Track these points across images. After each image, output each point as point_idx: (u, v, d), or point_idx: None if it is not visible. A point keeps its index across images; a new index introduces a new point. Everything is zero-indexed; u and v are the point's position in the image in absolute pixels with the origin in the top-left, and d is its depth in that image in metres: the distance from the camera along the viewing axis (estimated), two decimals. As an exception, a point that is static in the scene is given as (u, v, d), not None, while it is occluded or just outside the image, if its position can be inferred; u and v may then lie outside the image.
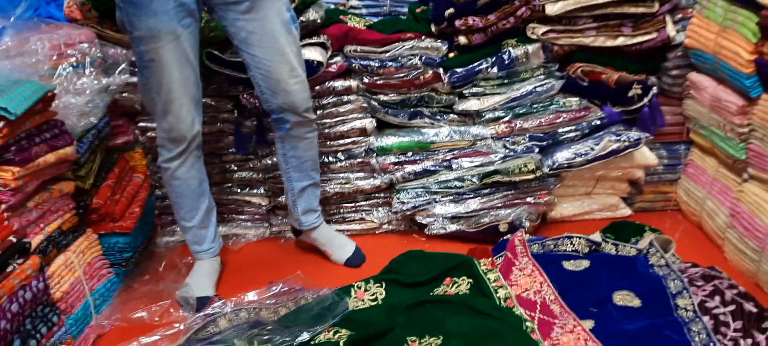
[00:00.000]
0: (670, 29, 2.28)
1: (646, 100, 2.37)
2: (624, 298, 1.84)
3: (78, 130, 1.95)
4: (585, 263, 2.01)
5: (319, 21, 2.26)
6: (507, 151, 2.38)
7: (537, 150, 2.38)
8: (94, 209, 2.01)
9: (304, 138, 2.09)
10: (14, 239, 1.61)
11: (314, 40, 2.26)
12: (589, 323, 1.75)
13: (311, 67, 2.18)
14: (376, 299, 1.99)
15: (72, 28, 2.08)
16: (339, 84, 2.35)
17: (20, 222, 1.66)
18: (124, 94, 2.21)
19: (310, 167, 2.17)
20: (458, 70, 2.35)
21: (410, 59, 2.33)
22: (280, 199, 2.46)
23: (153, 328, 1.89)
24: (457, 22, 2.29)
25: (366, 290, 2.03)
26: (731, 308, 1.73)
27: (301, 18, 2.21)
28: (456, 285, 2.00)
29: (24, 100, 1.59)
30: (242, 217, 2.53)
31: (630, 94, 2.36)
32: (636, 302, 1.82)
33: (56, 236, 1.80)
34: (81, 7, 2.14)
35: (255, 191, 2.49)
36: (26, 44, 1.96)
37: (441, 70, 2.37)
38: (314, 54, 2.20)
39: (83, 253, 1.92)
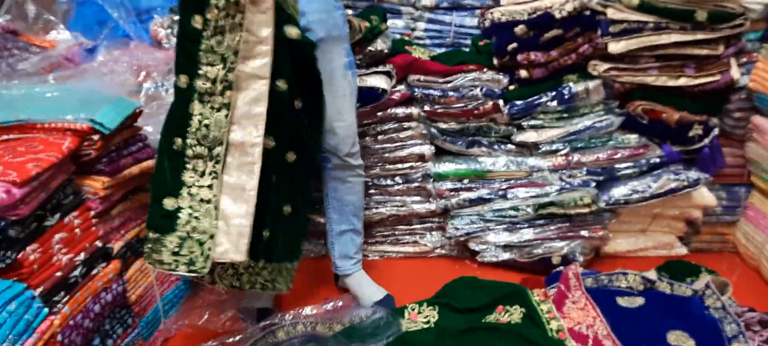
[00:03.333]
0: (735, 72, 2.28)
1: (706, 140, 2.37)
2: (678, 338, 1.85)
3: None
4: (639, 301, 2.02)
5: (386, 51, 2.35)
6: (563, 183, 2.41)
7: (594, 184, 2.41)
8: (168, 218, 2.14)
9: (345, 181, 2.13)
10: (99, 244, 1.74)
11: (380, 68, 2.35)
12: (641, 361, 1.77)
13: (375, 94, 2.27)
14: (428, 322, 2.05)
15: (156, 49, 2.23)
16: (400, 111, 2.43)
17: (105, 229, 1.79)
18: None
19: (351, 213, 2.18)
20: (518, 102, 2.40)
21: (471, 90, 2.39)
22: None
23: (215, 335, 1.99)
24: (520, 56, 2.34)
25: (419, 313, 2.08)
26: (789, 356, 1.72)
27: (370, 47, 2.29)
28: (508, 313, 2.04)
29: (117, 116, 1.73)
30: (301, 233, 2.63)
31: (690, 134, 2.36)
32: (690, 343, 1.83)
33: (134, 242, 1.93)
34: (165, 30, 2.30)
35: (316, 209, 2.59)
36: (115, 63, 2.12)
37: (501, 102, 2.42)
38: (379, 82, 2.29)
39: (156, 260, 2.04)
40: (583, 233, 2.41)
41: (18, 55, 2.21)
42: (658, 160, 2.41)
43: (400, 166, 2.49)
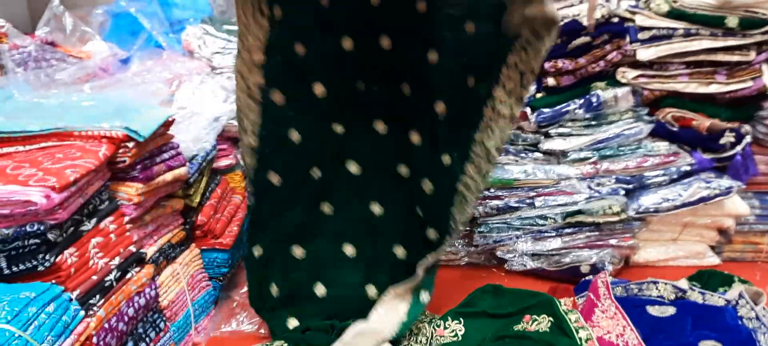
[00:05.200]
0: (767, 78, 2.25)
1: (738, 148, 2.33)
2: (711, 348, 1.82)
3: (189, 154, 2.13)
4: (670, 310, 1.99)
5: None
6: (591, 192, 2.39)
7: (623, 192, 2.38)
8: (199, 225, 2.18)
9: None
10: (133, 249, 1.78)
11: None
12: (673, 371, 1.74)
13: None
14: (456, 336, 2.04)
15: (188, 60, 2.29)
16: (428, 119, 2.44)
17: (138, 234, 1.83)
18: (231, 121, 2.39)
19: None
20: (545, 110, 2.39)
21: (498, 98, 2.39)
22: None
23: (249, 340, 2.03)
24: (547, 64, 2.34)
25: (445, 328, 2.08)
26: (827, 367, 1.68)
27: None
28: (536, 322, 2.02)
29: (150, 124, 1.77)
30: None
31: (722, 141, 2.33)
32: (723, 354, 1.80)
33: (167, 248, 1.97)
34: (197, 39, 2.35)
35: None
36: (149, 73, 2.17)
37: (528, 110, 2.42)
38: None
39: (187, 265, 2.08)
40: (612, 241, 2.38)
41: (56, 65, 2.29)
42: (688, 168, 2.37)
43: (426, 174, 2.50)
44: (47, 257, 1.46)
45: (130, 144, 1.71)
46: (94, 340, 1.54)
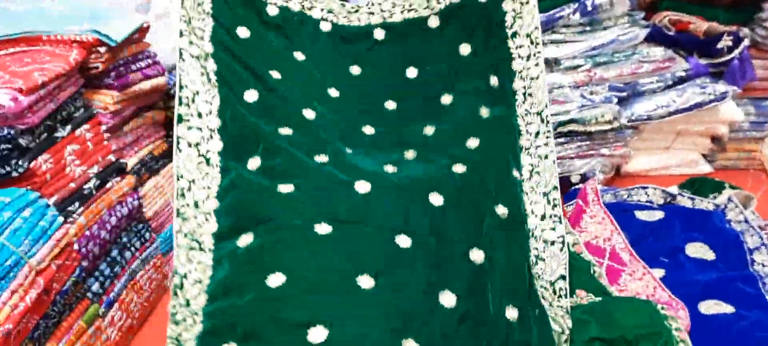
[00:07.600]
0: (768, -23, 2.16)
1: (736, 52, 2.26)
2: (697, 250, 1.81)
3: (169, 64, 2.06)
4: (659, 214, 1.98)
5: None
6: (584, 100, 2.33)
7: (616, 100, 2.32)
8: (182, 137, 2.14)
9: None
10: (113, 159, 1.75)
11: None
12: (659, 272, 1.74)
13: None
14: None
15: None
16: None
17: (118, 144, 1.79)
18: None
19: None
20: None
21: (489, 3, 2.31)
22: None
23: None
24: (539, -34, 2.24)
25: None
26: (813, 266, 1.68)
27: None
28: None
29: (123, 29, 1.71)
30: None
31: (719, 45, 2.26)
32: (710, 255, 1.79)
33: (148, 160, 1.94)
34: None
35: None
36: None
37: (520, 16, 2.34)
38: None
39: (172, 179, 2.05)
40: (604, 150, 2.35)
41: (26, -27, 2.19)
42: (684, 73, 2.31)
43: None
44: (20, 162, 1.42)
45: (103, 49, 1.65)
46: (76, 246, 1.53)
